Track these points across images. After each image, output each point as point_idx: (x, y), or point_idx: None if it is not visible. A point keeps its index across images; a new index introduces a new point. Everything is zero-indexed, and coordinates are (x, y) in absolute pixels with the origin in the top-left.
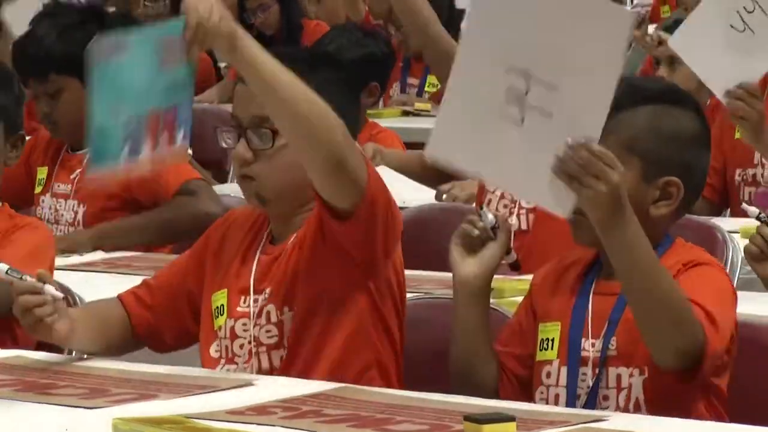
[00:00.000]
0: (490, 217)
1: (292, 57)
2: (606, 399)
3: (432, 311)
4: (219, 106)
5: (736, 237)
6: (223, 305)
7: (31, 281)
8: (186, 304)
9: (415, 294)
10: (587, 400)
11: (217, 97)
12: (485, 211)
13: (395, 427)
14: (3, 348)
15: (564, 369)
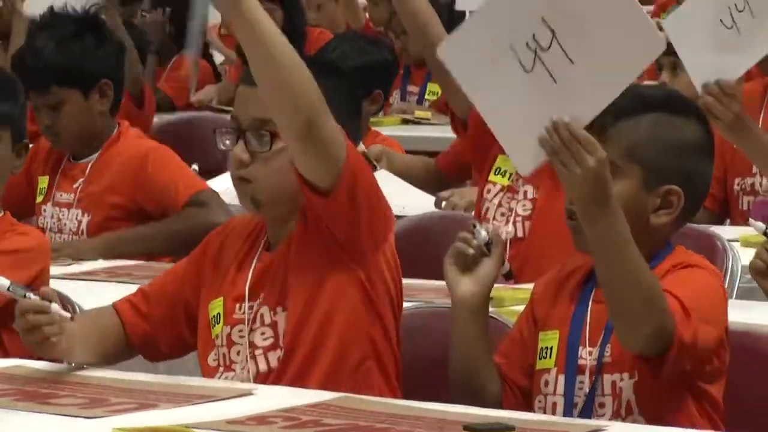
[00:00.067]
0: (483, 234)
1: None
2: (602, 407)
3: (432, 320)
4: (221, 115)
5: (736, 245)
6: (220, 314)
7: (37, 300)
8: (182, 312)
9: (415, 303)
10: (583, 408)
11: (217, 97)
12: (478, 229)
13: None
14: None
15: (561, 377)
